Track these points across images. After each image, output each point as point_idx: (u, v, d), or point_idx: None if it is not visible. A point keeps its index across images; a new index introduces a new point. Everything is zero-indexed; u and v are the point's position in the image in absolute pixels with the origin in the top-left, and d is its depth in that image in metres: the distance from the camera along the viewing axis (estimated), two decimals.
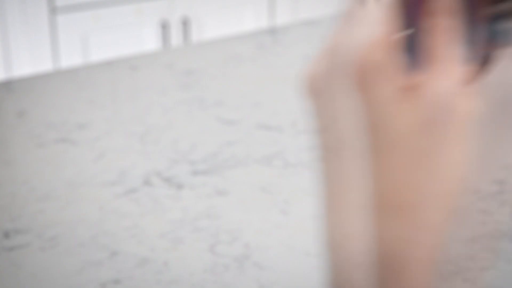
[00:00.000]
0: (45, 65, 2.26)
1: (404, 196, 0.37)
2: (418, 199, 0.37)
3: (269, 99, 1.27)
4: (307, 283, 0.84)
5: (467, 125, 0.37)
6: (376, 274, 0.38)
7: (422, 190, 0.37)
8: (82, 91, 1.30)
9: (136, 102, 1.27)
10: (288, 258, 0.88)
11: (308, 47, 1.48)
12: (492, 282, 0.85)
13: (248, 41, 1.50)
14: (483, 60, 0.41)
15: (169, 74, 1.37)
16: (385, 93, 0.36)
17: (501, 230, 0.93)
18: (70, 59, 2.29)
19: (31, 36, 2.24)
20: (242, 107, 1.24)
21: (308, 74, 0.39)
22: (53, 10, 2.25)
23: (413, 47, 0.39)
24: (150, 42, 2.39)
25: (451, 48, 0.37)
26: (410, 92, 0.37)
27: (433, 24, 0.37)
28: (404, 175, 0.37)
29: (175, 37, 2.42)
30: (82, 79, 1.35)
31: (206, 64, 1.40)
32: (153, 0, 2.38)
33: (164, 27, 2.40)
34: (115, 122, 1.20)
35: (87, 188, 1.02)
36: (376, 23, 0.37)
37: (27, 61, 2.24)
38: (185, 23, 2.43)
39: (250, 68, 1.39)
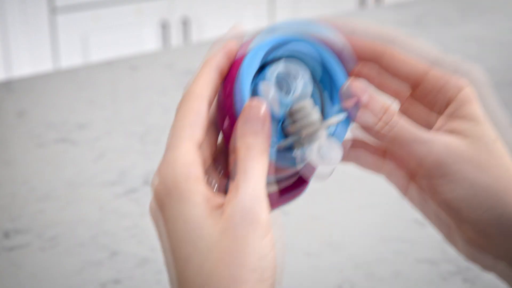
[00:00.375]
0: (45, 65, 2.26)
1: (219, 282, 0.47)
2: (234, 285, 0.46)
3: None
4: (307, 283, 0.84)
5: (267, 225, 0.47)
6: None
7: (236, 277, 0.46)
8: (82, 91, 1.30)
9: (136, 102, 1.27)
10: (288, 258, 0.88)
11: None
12: (492, 282, 0.85)
13: None
14: (287, 180, 0.55)
15: (169, 74, 1.37)
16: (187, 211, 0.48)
17: None
18: (70, 59, 2.29)
19: (31, 36, 2.24)
20: None
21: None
22: (53, 10, 2.26)
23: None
24: (150, 42, 2.40)
25: (247, 173, 0.48)
26: (222, 206, 0.48)
27: (232, 158, 0.50)
28: (218, 269, 0.47)
29: (175, 37, 2.43)
30: (82, 79, 1.35)
31: None
32: (153, 0, 2.38)
33: (164, 27, 2.40)
34: (115, 122, 1.20)
35: (87, 188, 1.02)
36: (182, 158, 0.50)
37: (27, 61, 2.24)
38: (185, 23, 2.43)
39: None
